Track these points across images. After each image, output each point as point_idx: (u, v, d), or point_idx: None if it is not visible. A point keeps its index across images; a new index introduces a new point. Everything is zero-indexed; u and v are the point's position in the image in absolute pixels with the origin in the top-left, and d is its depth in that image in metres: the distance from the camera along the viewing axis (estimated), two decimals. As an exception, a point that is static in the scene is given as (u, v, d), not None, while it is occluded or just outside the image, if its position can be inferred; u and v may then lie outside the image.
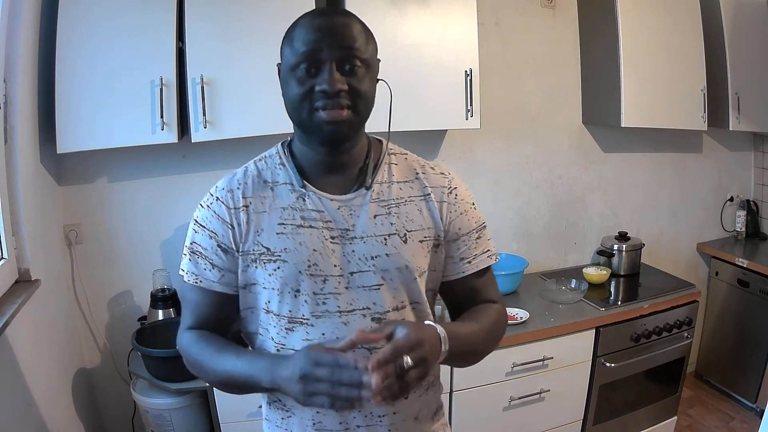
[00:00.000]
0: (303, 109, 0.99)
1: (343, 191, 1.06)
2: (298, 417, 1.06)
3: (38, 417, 1.70)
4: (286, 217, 1.04)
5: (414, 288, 1.06)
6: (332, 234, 1.03)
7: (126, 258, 2.26)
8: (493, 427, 2.21)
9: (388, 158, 1.11)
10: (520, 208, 2.77)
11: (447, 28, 2.17)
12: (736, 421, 2.85)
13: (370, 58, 1.02)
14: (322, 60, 0.96)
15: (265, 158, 1.11)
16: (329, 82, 0.95)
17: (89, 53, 1.85)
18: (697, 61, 2.63)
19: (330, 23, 0.98)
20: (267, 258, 1.02)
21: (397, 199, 1.07)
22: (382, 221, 1.05)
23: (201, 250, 1.06)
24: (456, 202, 1.11)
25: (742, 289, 2.93)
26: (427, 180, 1.11)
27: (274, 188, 1.06)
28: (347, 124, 0.99)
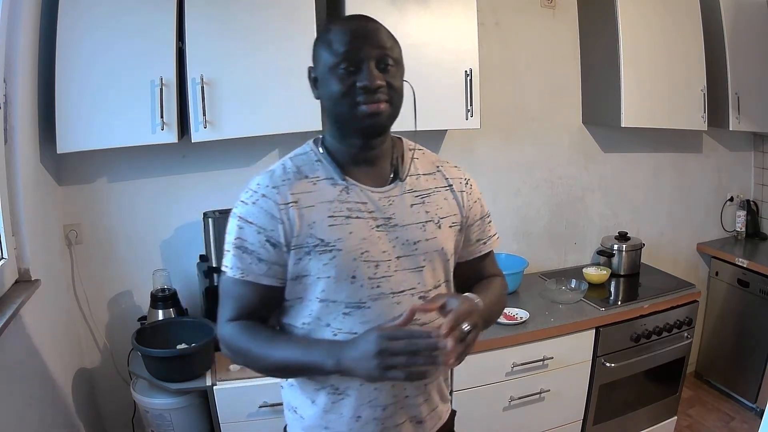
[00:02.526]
0: (344, 104, 1.07)
1: (380, 183, 1.15)
2: (353, 398, 1.14)
3: (38, 417, 1.70)
4: (334, 209, 1.11)
5: (448, 268, 1.21)
6: (377, 223, 1.12)
7: (126, 258, 2.26)
8: (493, 427, 2.21)
9: (411, 153, 1.22)
10: (520, 208, 2.77)
11: (447, 28, 2.17)
12: (736, 421, 2.85)
13: (400, 58, 1.13)
14: (361, 59, 1.06)
15: (298, 155, 1.18)
16: (370, 79, 1.05)
17: (89, 53, 1.85)
18: (697, 61, 2.63)
19: (365, 27, 1.09)
20: (321, 249, 1.09)
21: (427, 189, 1.19)
22: (418, 210, 1.16)
23: (247, 245, 1.10)
24: (471, 192, 1.25)
25: (742, 289, 2.93)
26: (447, 173, 1.24)
27: (316, 183, 1.13)
28: (385, 116, 1.09)
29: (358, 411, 1.14)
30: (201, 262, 2.24)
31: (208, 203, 2.21)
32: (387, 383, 1.11)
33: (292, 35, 2.01)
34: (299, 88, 2.12)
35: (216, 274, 2.11)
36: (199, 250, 2.23)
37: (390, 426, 1.16)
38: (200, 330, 1.97)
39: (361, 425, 1.15)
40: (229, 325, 1.12)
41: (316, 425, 1.17)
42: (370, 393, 1.13)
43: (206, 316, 2.06)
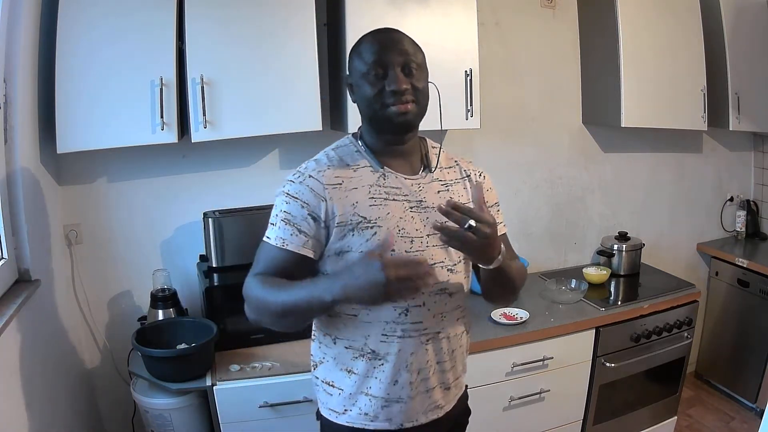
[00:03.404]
0: (376, 105, 1.22)
1: (412, 173, 1.31)
2: (391, 363, 1.26)
3: (38, 417, 1.70)
4: (374, 192, 1.26)
5: None
6: (411, 205, 1.28)
7: (126, 258, 2.26)
8: (493, 427, 2.21)
9: (433, 150, 1.37)
10: (520, 208, 2.77)
11: (447, 28, 2.17)
12: (736, 421, 2.85)
13: (423, 64, 1.27)
14: (388, 65, 1.21)
15: (339, 147, 1.33)
16: (397, 82, 1.20)
17: (89, 53, 1.85)
18: (697, 61, 2.63)
19: (390, 37, 1.24)
20: (364, 225, 1.23)
21: (449, 180, 1.36)
22: (444, 196, 1.31)
23: (291, 218, 1.22)
24: (485, 182, 1.41)
25: (742, 289, 2.93)
26: (464, 166, 1.41)
27: (356, 170, 1.27)
28: (412, 114, 1.23)
29: (395, 375, 1.27)
30: (201, 262, 2.24)
31: (208, 203, 2.21)
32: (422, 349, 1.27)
33: (292, 35, 2.01)
34: (299, 88, 2.14)
35: (216, 274, 2.12)
36: (199, 250, 2.23)
37: (422, 390, 1.30)
38: (200, 330, 1.97)
39: (399, 389, 1.27)
40: (253, 279, 1.23)
41: (356, 392, 1.29)
42: (408, 357, 1.27)
43: (206, 316, 2.06)
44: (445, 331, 1.31)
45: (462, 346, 1.38)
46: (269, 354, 2.02)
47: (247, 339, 2.05)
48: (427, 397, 1.32)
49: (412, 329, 1.27)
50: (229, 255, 2.12)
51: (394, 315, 1.25)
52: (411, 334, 1.27)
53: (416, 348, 1.27)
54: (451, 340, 1.33)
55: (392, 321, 1.25)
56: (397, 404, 1.28)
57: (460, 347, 1.37)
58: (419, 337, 1.27)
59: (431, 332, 1.29)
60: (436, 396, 1.33)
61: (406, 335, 1.26)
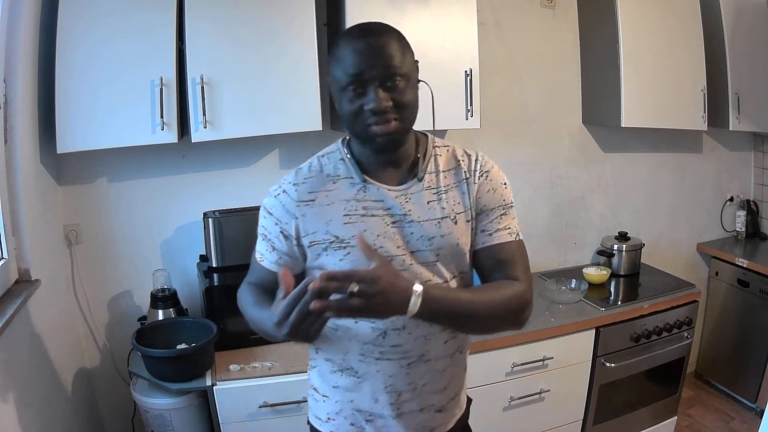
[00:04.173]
0: (356, 124, 1.11)
1: (399, 182, 1.19)
2: (369, 382, 1.20)
3: (38, 417, 1.70)
4: (350, 208, 1.17)
5: (463, 261, 1.21)
6: (393, 219, 1.17)
7: (126, 258, 2.26)
8: (493, 427, 2.21)
9: (434, 151, 1.24)
10: (520, 208, 2.72)
11: (447, 28, 2.17)
12: (736, 421, 2.85)
13: (409, 69, 1.13)
14: (366, 81, 1.08)
15: (327, 154, 1.24)
16: (376, 102, 1.08)
17: (89, 53, 1.85)
18: (697, 61, 2.63)
19: (370, 46, 1.09)
20: (336, 245, 1.15)
21: (445, 186, 1.21)
22: (434, 207, 1.19)
23: (266, 233, 1.22)
24: (486, 182, 1.23)
25: (742, 289, 2.93)
26: (466, 165, 1.24)
27: (335, 181, 1.19)
28: (396, 133, 1.12)
29: (375, 394, 1.20)
30: (201, 262, 2.24)
31: (208, 203, 2.21)
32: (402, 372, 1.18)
33: (292, 35, 2.01)
34: (299, 88, 2.14)
35: (216, 274, 2.12)
36: (199, 250, 2.23)
37: (407, 411, 1.22)
38: (200, 330, 1.97)
39: (381, 407, 1.21)
40: (244, 286, 1.26)
41: (342, 400, 1.24)
42: (387, 380, 1.19)
43: (206, 316, 2.06)
44: (430, 353, 1.20)
45: (455, 366, 1.26)
46: (269, 354, 2.02)
47: (247, 339, 2.05)
48: (416, 417, 1.23)
49: (392, 352, 1.17)
50: (229, 255, 2.12)
51: (372, 336, 1.16)
52: (390, 357, 1.18)
53: (396, 371, 1.18)
54: (439, 362, 1.22)
55: (370, 342, 1.17)
56: (382, 419, 1.22)
57: (452, 368, 1.25)
58: (399, 361, 1.18)
59: (414, 355, 1.18)
60: (424, 416, 1.23)
61: (384, 358, 1.18)
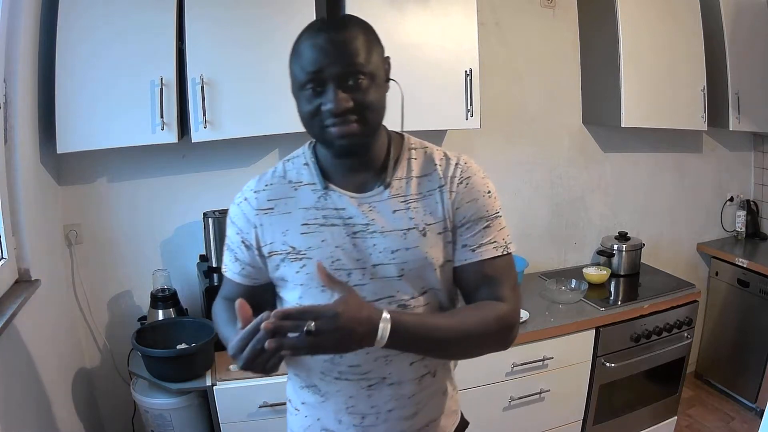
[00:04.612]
0: (314, 125, 1.03)
1: (364, 189, 1.10)
2: (332, 401, 1.14)
3: (38, 417, 1.70)
4: (309, 217, 1.09)
5: (432, 277, 1.10)
6: (354, 230, 1.08)
7: (126, 258, 2.26)
8: (493, 427, 2.21)
9: (409, 153, 1.14)
10: (520, 208, 2.77)
11: (447, 28, 2.17)
12: (736, 422, 2.85)
13: (374, 67, 1.02)
14: (325, 79, 0.99)
15: (292, 159, 1.17)
16: (334, 102, 0.98)
17: (89, 53, 1.85)
18: (697, 61, 2.63)
19: (330, 41, 0.99)
20: (293, 257, 1.09)
21: (416, 194, 1.11)
22: (401, 216, 1.09)
23: (230, 243, 1.17)
24: (466, 191, 1.12)
25: (742, 289, 2.93)
26: (442, 171, 1.13)
27: (297, 188, 1.12)
28: (358, 136, 1.02)
29: (338, 415, 1.14)
30: (201, 262, 2.24)
31: (208, 203, 2.21)
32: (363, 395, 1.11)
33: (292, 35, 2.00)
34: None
35: (216, 274, 2.12)
36: (199, 250, 2.23)
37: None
38: (200, 330, 1.97)
39: (345, 428, 1.14)
40: (217, 299, 1.24)
41: (311, 415, 1.18)
42: (347, 401, 1.12)
43: (206, 316, 2.06)
44: (393, 376, 1.10)
45: (426, 390, 1.15)
46: (269, 354, 2.02)
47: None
48: None
49: (350, 372, 1.10)
50: (229, 255, 2.12)
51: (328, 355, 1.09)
52: (349, 377, 1.10)
53: (356, 393, 1.11)
54: (404, 386, 1.12)
55: (328, 360, 1.10)
56: None
57: (423, 392, 1.14)
58: (359, 382, 1.10)
59: (375, 377, 1.10)
60: None
61: (343, 378, 1.10)
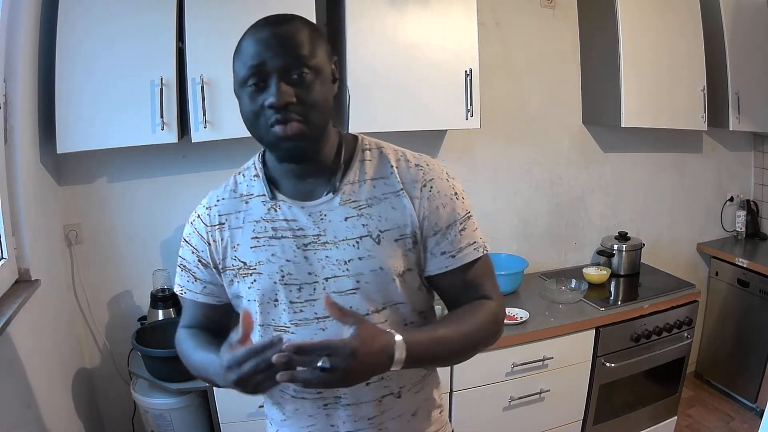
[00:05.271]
0: (258, 126, 0.97)
1: (314, 196, 1.04)
2: (293, 420, 1.11)
3: (38, 417, 1.70)
4: (259, 230, 1.05)
5: (392, 289, 1.04)
6: (305, 242, 1.03)
7: (126, 258, 2.26)
8: (493, 427, 2.21)
9: (362, 155, 1.07)
10: (520, 208, 2.77)
11: (447, 28, 2.17)
12: (736, 421, 2.85)
13: (320, 62, 0.97)
14: (268, 72, 0.93)
15: (243, 171, 1.13)
16: (276, 95, 0.92)
17: (89, 53, 1.85)
18: (697, 61, 2.63)
19: (272, 33, 0.95)
20: (244, 272, 1.06)
21: (370, 198, 1.03)
22: (354, 224, 1.02)
23: (185, 264, 1.13)
24: (431, 196, 1.04)
25: (742, 289, 2.93)
26: (400, 174, 1.05)
27: (248, 201, 1.08)
28: (302, 137, 0.95)
29: None
30: (201, 262, 2.24)
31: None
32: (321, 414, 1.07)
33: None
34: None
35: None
36: (199, 250, 2.23)
37: None
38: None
39: None
40: (180, 331, 1.17)
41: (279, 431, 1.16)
42: (306, 420, 1.09)
43: (206, 316, 2.06)
44: (348, 397, 1.05)
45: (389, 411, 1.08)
46: (269, 354, 2.02)
47: (247, 339, 2.04)
48: None
49: (305, 391, 1.06)
50: (229, 255, 2.12)
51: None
52: (304, 396, 1.07)
53: (314, 412, 1.07)
54: (362, 407, 1.06)
55: None
56: None
57: (385, 414, 1.08)
58: (315, 401, 1.06)
59: (329, 398, 1.06)
60: None
61: (299, 396, 1.07)
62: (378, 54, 2.06)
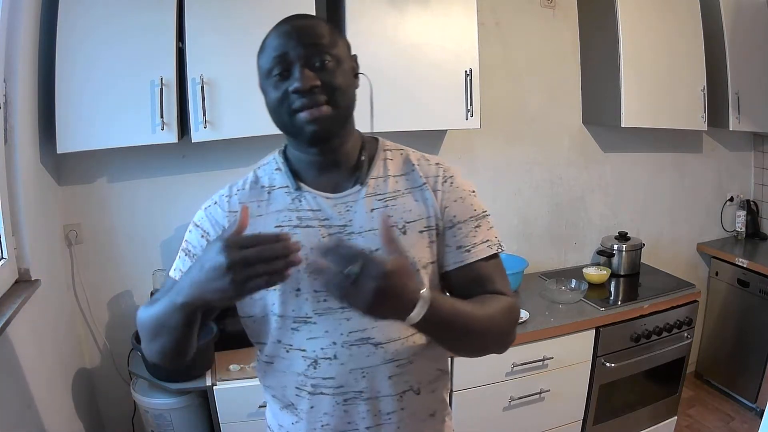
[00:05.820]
0: (283, 113, 0.99)
1: (339, 189, 1.06)
2: (305, 421, 1.08)
3: (38, 417, 1.70)
4: (283, 219, 1.05)
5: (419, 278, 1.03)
6: (330, 231, 1.03)
7: (126, 258, 2.26)
8: (493, 427, 2.21)
9: (384, 154, 1.11)
10: (520, 208, 2.77)
11: (447, 28, 2.17)
12: (736, 421, 2.85)
13: (340, 53, 1.01)
14: (291, 61, 0.97)
15: (263, 166, 1.14)
16: (301, 80, 0.95)
17: (89, 53, 1.85)
18: (697, 61, 2.63)
19: (293, 26, 1.00)
20: None
21: (394, 192, 1.07)
22: (379, 215, 1.04)
23: (191, 248, 1.09)
24: (451, 190, 1.09)
25: (742, 289, 2.93)
26: (422, 170, 1.10)
27: (270, 192, 1.08)
28: (329, 119, 0.98)
29: None
30: (201, 262, 2.24)
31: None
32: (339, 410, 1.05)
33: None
34: (299, 88, 2.14)
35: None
36: (199, 250, 2.23)
37: None
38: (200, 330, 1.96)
39: None
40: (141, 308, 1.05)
41: None
42: (321, 417, 1.07)
43: (206, 316, 2.06)
44: (371, 391, 1.05)
45: (408, 408, 1.08)
46: (269, 354, 2.02)
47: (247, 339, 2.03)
48: None
49: (324, 386, 1.05)
50: (229, 255, 2.12)
51: (303, 366, 1.05)
52: (323, 391, 1.05)
53: (332, 409, 1.06)
54: (383, 402, 1.06)
55: (302, 373, 1.06)
56: None
57: (404, 411, 1.08)
58: (334, 397, 1.05)
59: (350, 392, 1.04)
60: None
61: (317, 391, 1.06)
62: (378, 54, 2.06)
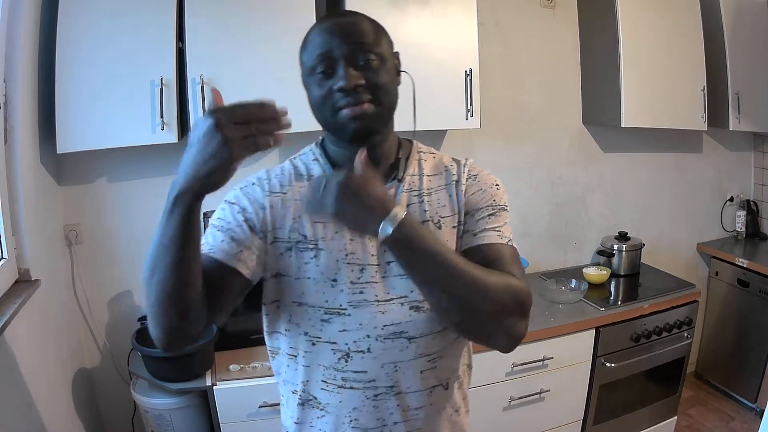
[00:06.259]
0: (326, 110, 1.00)
1: None
2: (333, 415, 1.06)
3: (38, 417, 1.70)
4: None
5: None
6: None
7: (126, 258, 2.26)
8: (493, 427, 2.21)
9: (418, 155, 1.13)
10: (520, 208, 2.77)
11: (447, 28, 2.17)
12: (736, 421, 2.85)
13: (384, 51, 1.02)
14: (335, 59, 0.97)
15: (299, 156, 1.14)
16: (345, 79, 0.96)
17: (89, 53, 1.85)
18: (697, 61, 2.63)
19: (338, 23, 1.00)
20: (303, 246, 1.03)
21: (429, 188, 1.09)
22: (415, 209, 1.06)
23: (223, 224, 1.04)
24: (475, 183, 1.11)
25: (742, 289, 2.93)
26: (454, 169, 1.13)
27: (310, 179, 1.08)
28: (371, 117, 0.99)
29: (339, 429, 1.07)
30: (201, 262, 2.24)
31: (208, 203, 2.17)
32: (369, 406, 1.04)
33: (291, 35, 2.00)
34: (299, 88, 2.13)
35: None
36: (199, 250, 2.23)
37: None
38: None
39: None
40: None
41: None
42: (351, 413, 1.05)
43: (206, 316, 2.06)
44: (401, 386, 1.05)
45: (437, 403, 1.09)
46: (269, 354, 2.02)
47: (247, 339, 2.05)
48: None
49: (355, 380, 1.04)
50: (229, 255, 2.12)
51: (333, 360, 1.03)
52: (354, 385, 1.04)
53: (361, 404, 1.04)
54: (412, 396, 1.06)
55: (331, 366, 1.04)
56: None
57: (433, 406, 1.08)
58: (364, 391, 1.04)
59: (381, 387, 1.04)
60: None
61: (347, 386, 1.04)
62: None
